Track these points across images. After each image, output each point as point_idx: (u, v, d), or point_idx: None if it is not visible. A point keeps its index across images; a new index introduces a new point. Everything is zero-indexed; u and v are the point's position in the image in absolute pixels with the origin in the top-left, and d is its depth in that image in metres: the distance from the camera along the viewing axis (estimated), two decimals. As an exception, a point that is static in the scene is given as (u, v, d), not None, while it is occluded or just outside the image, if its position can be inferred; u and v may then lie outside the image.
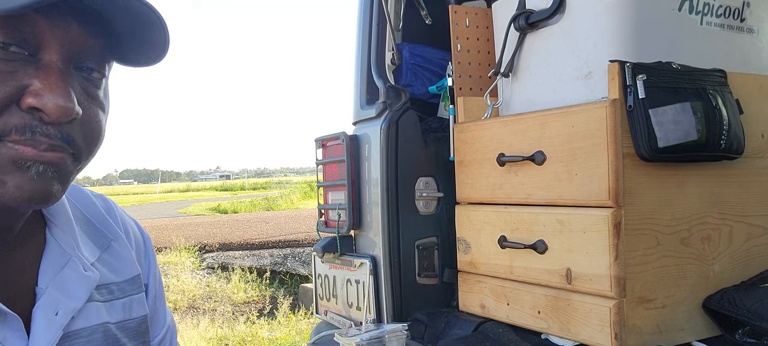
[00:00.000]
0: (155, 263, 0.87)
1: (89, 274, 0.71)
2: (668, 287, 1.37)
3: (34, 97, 0.57)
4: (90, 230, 0.77)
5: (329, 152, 2.13)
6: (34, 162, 0.58)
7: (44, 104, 0.57)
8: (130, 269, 0.79)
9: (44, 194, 0.59)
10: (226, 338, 4.78)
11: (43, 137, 0.58)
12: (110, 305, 0.73)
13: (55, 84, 0.57)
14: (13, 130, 0.57)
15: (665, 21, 1.43)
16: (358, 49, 2.16)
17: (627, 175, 1.31)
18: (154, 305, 0.85)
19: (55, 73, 0.58)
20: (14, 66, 0.57)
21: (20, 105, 0.57)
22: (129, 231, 0.84)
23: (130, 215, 0.87)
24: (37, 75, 0.58)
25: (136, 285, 0.79)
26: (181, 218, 13.49)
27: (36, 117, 0.57)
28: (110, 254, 0.77)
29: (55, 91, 0.57)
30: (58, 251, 0.70)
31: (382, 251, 1.88)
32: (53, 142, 0.59)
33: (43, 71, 0.58)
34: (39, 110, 0.57)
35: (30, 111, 0.57)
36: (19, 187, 0.58)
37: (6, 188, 0.57)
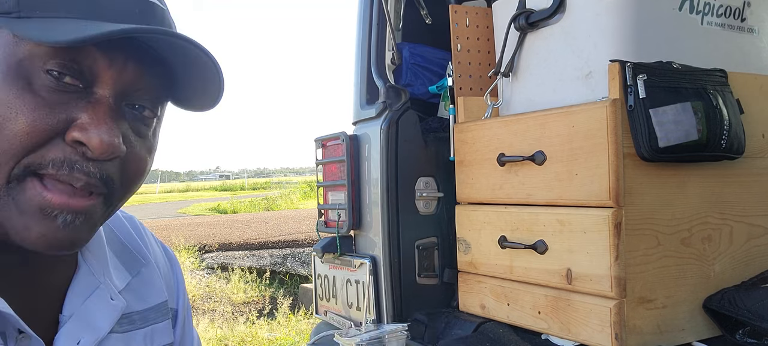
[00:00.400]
0: (183, 285, 0.86)
1: (116, 303, 0.70)
2: (669, 288, 1.36)
3: (79, 131, 0.55)
4: (123, 253, 0.76)
5: (329, 152, 2.13)
6: (62, 211, 0.56)
7: (89, 139, 0.55)
8: (157, 295, 0.77)
9: (70, 243, 0.57)
10: (225, 338, 4.77)
11: (80, 174, 0.56)
12: (130, 337, 0.72)
13: (103, 119, 0.56)
14: (50, 165, 0.55)
15: (666, 21, 1.43)
16: (358, 49, 2.16)
17: (627, 175, 1.31)
18: (182, 330, 0.83)
19: (105, 108, 0.57)
20: (66, 97, 0.55)
21: (65, 138, 0.55)
22: (157, 255, 0.82)
23: (155, 235, 0.86)
24: (86, 108, 0.56)
25: (161, 313, 0.77)
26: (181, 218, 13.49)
27: (78, 152, 0.56)
28: (139, 279, 0.76)
29: (102, 126, 0.56)
30: (87, 277, 0.69)
31: (382, 251, 1.88)
32: (90, 180, 0.57)
33: (93, 106, 0.56)
34: (82, 145, 0.55)
35: (73, 145, 0.56)
36: (43, 236, 0.56)
37: (29, 234, 0.56)
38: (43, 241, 0.56)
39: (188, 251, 7.37)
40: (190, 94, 0.65)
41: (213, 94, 0.64)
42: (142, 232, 0.83)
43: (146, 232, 0.84)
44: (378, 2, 2.08)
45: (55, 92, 0.55)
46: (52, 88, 0.55)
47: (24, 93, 0.54)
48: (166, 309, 0.79)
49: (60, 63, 0.55)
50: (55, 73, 0.55)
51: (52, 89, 0.55)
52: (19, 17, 0.55)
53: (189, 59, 0.60)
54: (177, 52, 0.60)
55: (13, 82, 0.54)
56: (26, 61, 0.55)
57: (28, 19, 0.54)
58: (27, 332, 0.60)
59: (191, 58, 0.60)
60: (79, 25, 0.54)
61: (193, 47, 0.58)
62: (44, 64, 0.55)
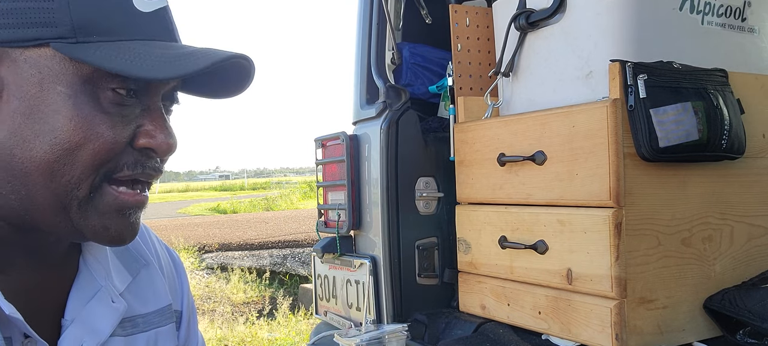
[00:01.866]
0: (188, 287, 0.86)
1: (117, 305, 0.70)
2: (669, 288, 1.36)
3: (148, 138, 0.62)
4: (123, 253, 0.76)
5: (329, 152, 2.13)
6: (133, 208, 0.63)
7: (158, 144, 0.62)
8: (160, 298, 0.78)
9: (133, 235, 0.65)
10: (225, 338, 4.77)
11: (151, 171, 0.64)
12: (133, 340, 0.72)
13: (163, 125, 0.63)
14: (124, 167, 0.61)
15: (666, 20, 1.43)
16: (358, 49, 2.15)
17: (628, 175, 1.30)
18: (188, 332, 0.84)
19: (160, 114, 0.63)
20: (128, 110, 0.61)
21: (133, 145, 0.62)
22: (160, 258, 0.83)
23: (160, 238, 0.87)
24: (145, 116, 0.62)
25: (164, 316, 0.77)
26: (180, 218, 13.49)
27: (144, 154, 0.63)
28: (141, 281, 0.76)
29: (164, 130, 0.63)
30: (88, 280, 0.70)
31: (382, 251, 1.88)
32: (157, 175, 0.65)
33: (150, 113, 0.63)
34: (151, 149, 0.63)
35: (142, 150, 0.62)
36: (118, 232, 0.63)
37: (107, 232, 0.62)
38: (118, 236, 0.63)
39: (188, 251, 7.37)
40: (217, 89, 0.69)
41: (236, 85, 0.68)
42: (146, 233, 0.83)
43: (151, 234, 0.84)
44: (378, 2, 2.08)
45: (121, 106, 0.60)
46: (117, 104, 0.60)
47: (98, 112, 0.59)
48: (170, 312, 0.78)
49: (122, 81, 0.59)
50: (117, 91, 0.59)
51: (118, 104, 0.60)
52: (77, 42, 0.57)
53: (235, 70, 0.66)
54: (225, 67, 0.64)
55: (85, 103, 0.58)
56: (90, 83, 0.58)
57: (86, 43, 0.57)
58: (33, 336, 0.61)
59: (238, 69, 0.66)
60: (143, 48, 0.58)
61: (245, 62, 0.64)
62: (108, 83, 0.59)
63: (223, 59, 0.59)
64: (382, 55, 2.07)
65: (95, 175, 0.60)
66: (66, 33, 0.57)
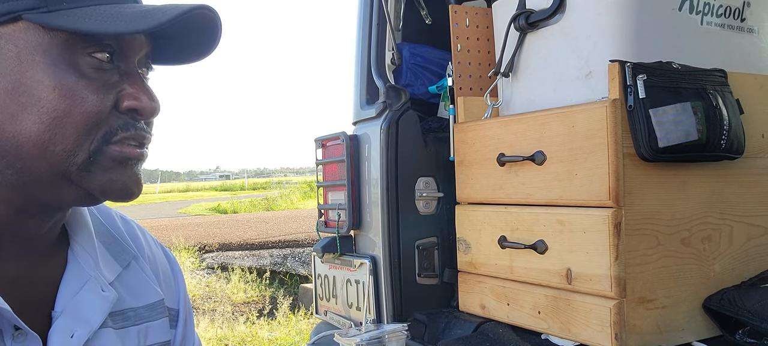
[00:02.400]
0: (184, 287, 0.86)
1: (107, 294, 0.70)
2: (669, 287, 1.36)
3: (132, 100, 0.63)
4: (112, 244, 0.76)
5: (329, 152, 2.13)
6: (136, 160, 0.65)
7: (143, 106, 0.63)
8: (151, 294, 0.78)
9: (139, 188, 0.66)
10: (225, 338, 4.77)
11: (141, 132, 0.65)
12: (124, 333, 0.72)
13: (143, 87, 0.64)
14: (118, 130, 0.62)
15: (665, 21, 1.43)
16: (358, 49, 2.16)
17: (627, 175, 1.31)
18: (184, 332, 0.84)
19: (138, 77, 0.65)
20: (108, 75, 0.62)
21: (119, 108, 0.62)
22: (155, 256, 0.83)
23: (155, 237, 0.87)
24: (126, 80, 0.63)
25: (156, 311, 0.77)
26: (181, 218, 13.49)
27: (131, 116, 0.63)
28: (130, 273, 0.77)
29: (146, 92, 0.64)
30: (77, 271, 0.70)
31: (382, 251, 1.88)
32: (148, 136, 0.66)
33: (129, 77, 0.64)
34: (135, 111, 0.63)
35: (127, 112, 0.63)
36: (124, 184, 0.64)
37: (113, 185, 0.63)
38: (125, 188, 0.64)
39: (188, 251, 7.37)
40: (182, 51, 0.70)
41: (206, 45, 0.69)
42: (140, 233, 0.83)
43: (146, 234, 0.84)
44: (378, 2, 2.08)
45: (100, 71, 0.61)
46: (97, 69, 0.61)
47: (80, 78, 0.60)
48: (161, 308, 0.78)
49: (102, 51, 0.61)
50: (95, 56, 0.60)
51: (97, 69, 0.61)
52: (49, 11, 0.58)
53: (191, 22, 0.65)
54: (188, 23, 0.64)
55: (65, 71, 0.59)
56: (68, 48, 0.59)
57: (58, 11, 0.58)
58: (23, 328, 0.61)
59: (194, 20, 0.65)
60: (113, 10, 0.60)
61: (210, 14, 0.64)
62: (84, 49, 0.60)
63: (188, 9, 0.60)
64: (382, 55, 2.07)
65: (91, 140, 0.61)
66: (36, 4, 0.57)
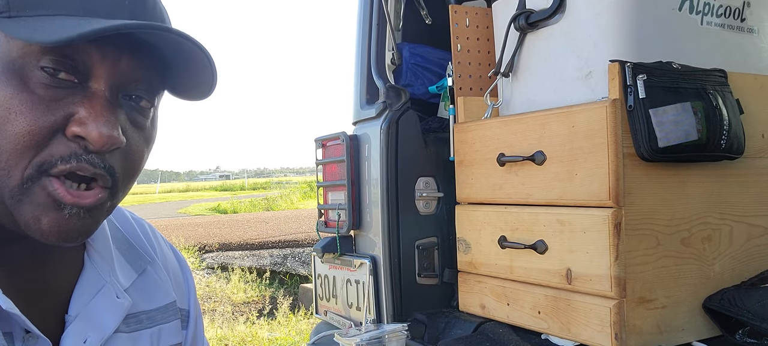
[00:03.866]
0: (194, 289, 0.86)
1: (121, 301, 0.70)
2: (668, 287, 1.36)
3: (78, 126, 0.56)
4: (128, 251, 0.76)
5: (329, 152, 2.13)
6: (72, 206, 0.58)
7: (89, 133, 0.56)
8: (164, 296, 0.78)
9: (77, 234, 0.59)
10: (225, 338, 4.77)
11: (87, 165, 0.57)
12: (137, 336, 0.72)
13: (100, 113, 0.57)
14: (59, 161, 0.56)
15: (665, 21, 1.43)
16: (358, 49, 2.16)
17: (627, 175, 1.31)
18: (194, 333, 0.84)
19: (101, 101, 0.58)
20: (62, 93, 0.57)
21: (65, 133, 0.57)
22: (166, 258, 0.83)
23: (166, 239, 0.87)
24: (83, 103, 0.57)
25: (169, 313, 0.77)
26: (181, 218, 13.48)
27: (80, 146, 0.57)
28: (145, 278, 0.76)
29: (99, 119, 0.57)
30: (93, 277, 0.69)
31: (382, 251, 1.88)
32: (97, 170, 0.58)
33: (89, 100, 0.57)
34: (83, 139, 0.57)
35: (75, 139, 0.57)
36: (51, 226, 0.58)
37: (40, 226, 0.57)
38: (52, 231, 0.58)
39: (188, 251, 7.37)
40: (184, 83, 0.66)
41: (206, 84, 0.64)
42: (151, 233, 0.83)
43: (157, 234, 0.84)
44: (378, 2, 2.08)
45: (51, 88, 0.56)
46: (47, 85, 0.56)
47: (20, 92, 0.55)
48: (174, 309, 0.78)
49: (54, 59, 0.56)
50: (50, 70, 0.56)
51: (48, 86, 0.56)
52: (10, 17, 0.55)
53: (182, 51, 0.61)
54: (170, 44, 0.60)
55: (8, 82, 0.55)
56: (20, 59, 0.55)
57: (18, 18, 0.55)
58: (34, 331, 0.60)
59: (184, 50, 0.60)
60: (68, 22, 0.55)
61: (184, 41, 0.59)
62: (38, 61, 0.55)
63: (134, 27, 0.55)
64: (382, 55, 2.07)
65: (26, 163, 0.56)
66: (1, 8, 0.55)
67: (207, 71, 0.63)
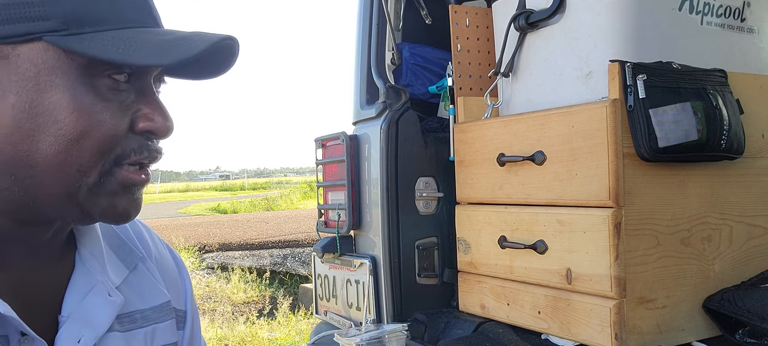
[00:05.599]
0: (191, 289, 0.86)
1: (114, 298, 0.70)
2: (668, 288, 1.36)
3: (147, 121, 0.63)
4: (119, 247, 0.76)
5: (329, 152, 2.13)
6: (139, 186, 0.65)
7: (157, 127, 0.64)
8: (158, 295, 0.78)
9: (139, 209, 0.67)
10: (225, 338, 4.77)
11: (155, 153, 0.65)
12: (131, 335, 0.72)
13: (159, 107, 0.64)
14: (132, 153, 0.63)
15: (665, 21, 1.43)
16: (358, 49, 2.16)
17: (627, 175, 1.31)
18: (191, 334, 0.84)
19: (154, 97, 0.65)
20: (124, 96, 0.62)
21: (134, 129, 0.63)
22: (163, 258, 0.83)
23: (164, 240, 0.87)
24: (142, 101, 0.64)
25: (163, 313, 0.77)
26: (181, 218, 13.48)
27: (147, 138, 0.64)
28: (138, 274, 0.76)
29: (162, 113, 0.64)
30: (84, 276, 0.70)
31: (382, 251, 1.88)
32: (160, 156, 0.66)
33: (145, 97, 0.64)
34: (150, 132, 0.64)
35: (143, 133, 0.63)
36: (125, 209, 0.65)
37: (115, 210, 0.64)
38: (125, 213, 0.65)
39: (188, 251, 7.37)
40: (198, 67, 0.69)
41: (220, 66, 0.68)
42: (146, 233, 0.83)
43: (153, 234, 0.84)
44: (378, 2, 2.08)
45: (118, 92, 0.61)
46: (115, 89, 0.61)
47: (97, 101, 0.60)
48: (168, 309, 0.78)
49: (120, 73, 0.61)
50: (114, 78, 0.61)
51: (116, 90, 0.61)
52: (70, 34, 0.58)
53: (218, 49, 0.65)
54: None
55: (83, 93, 0.59)
56: (86, 72, 0.59)
57: (79, 35, 0.58)
58: (30, 333, 0.60)
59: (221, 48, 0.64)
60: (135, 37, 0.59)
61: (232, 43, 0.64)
62: (104, 71, 0.60)
63: (214, 43, 0.60)
64: (382, 55, 2.07)
65: (104, 161, 0.61)
66: (58, 26, 0.57)
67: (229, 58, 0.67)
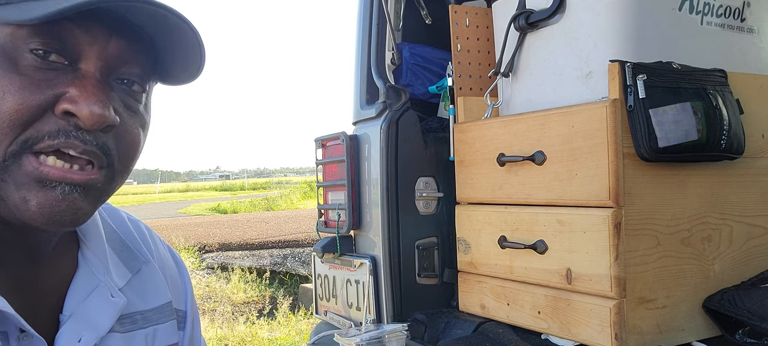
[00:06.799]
0: (191, 289, 0.86)
1: (116, 300, 0.70)
2: (668, 288, 1.36)
3: (69, 103, 0.57)
4: (122, 250, 0.76)
5: (329, 152, 2.13)
6: (60, 182, 0.57)
7: (80, 110, 0.56)
8: (160, 296, 0.78)
9: (71, 215, 0.58)
10: (225, 338, 4.77)
11: (77, 142, 0.57)
12: (131, 336, 0.72)
13: (91, 92, 0.57)
14: (46, 136, 0.56)
15: (665, 21, 1.43)
16: (358, 49, 2.16)
17: (627, 175, 1.31)
18: (192, 334, 0.84)
19: (92, 81, 0.58)
20: (52, 75, 0.57)
21: (55, 111, 0.57)
22: (163, 259, 0.83)
23: (163, 239, 0.87)
24: (73, 83, 0.57)
25: (164, 313, 0.77)
26: (181, 218, 13.48)
27: (71, 123, 0.57)
28: (140, 278, 0.76)
29: (91, 98, 0.57)
30: (87, 276, 0.69)
31: (382, 251, 1.88)
32: (87, 147, 0.58)
33: (80, 80, 0.58)
34: (73, 116, 0.57)
35: (64, 117, 0.57)
36: (41, 207, 0.57)
37: (28, 207, 0.57)
38: (43, 213, 0.57)
39: (188, 251, 7.37)
40: (173, 66, 0.66)
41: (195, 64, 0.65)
42: (148, 234, 0.83)
43: (154, 236, 0.84)
44: (378, 2, 2.08)
45: (41, 70, 0.57)
46: (37, 67, 0.57)
47: (10, 74, 0.56)
48: (170, 310, 0.78)
49: (43, 41, 0.56)
50: (40, 52, 0.56)
51: (38, 68, 0.57)
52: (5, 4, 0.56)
53: (169, 29, 0.61)
54: (158, 22, 0.60)
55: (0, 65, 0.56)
56: (10, 43, 0.56)
57: (7, 5, 0.56)
58: (29, 331, 0.60)
59: (171, 27, 0.61)
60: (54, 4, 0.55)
61: (170, 15, 0.59)
62: (27, 44, 0.56)
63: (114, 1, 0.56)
64: (382, 55, 2.07)
65: (9, 140, 0.56)
66: None
67: (195, 50, 0.63)
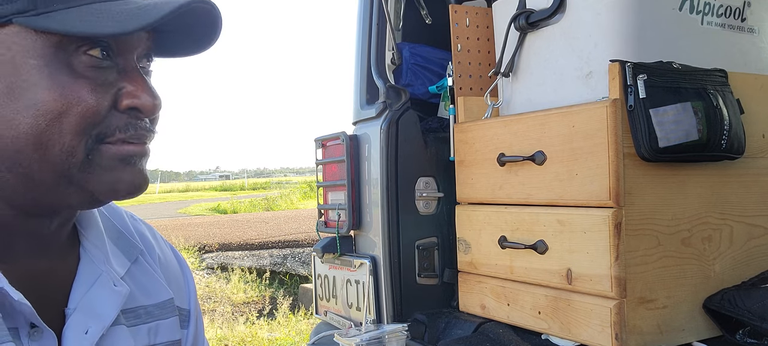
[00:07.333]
0: (194, 288, 0.87)
1: (119, 289, 0.71)
2: (669, 288, 1.36)
3: (132, 98, 0.62)
4: (119, 240, 0.77)
5: (329, 152, 2.13)
6: (138, 156, 0.64)
7: (143, 103, 0.63)
8: (161, 292, 0.78)
9: (145, 183, 0.66)
10: (225, 338, 4.77)
11: (143, 131, 0.64)
12: (136, 330, 0.73)
13: (143, 85, 0.63)
14: (116, 131, 0.62)
15: (666, 21, 1.43)
16: (358, 49, 2.16)
17: (628, 175, 1.30)
18: (195, 334, 0.84)
19: (138, 74, 0.64)
20: (105, 73, 0.61)
21: (118, 107, 0.62)
22: (166, 257, 0.83)
23: (166, 239, 0.87)
24: (125, 79, 0.63)
25: (166, 310, 0.78)
26: (181, 218, 13.48)
27: (132, 116, 0.63)
28: (139, 267, 0.77)
29: (146, 90, 0.63)
30: (89, 268, 0.70)
31: (382, 251, 1.88)
32: (150, 134, 0.65)
33: (128, 74, 0.63)
34: (136, 109, 0.63)
35: (127, 111, 0.62)
36: (131, 182, 0.64)
37: (120, 185, 0.63)
38: (134, 184, 0.64)
39: (188, 251, 7.37)
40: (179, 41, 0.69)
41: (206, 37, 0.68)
42: (149, 232, 0.83)
43: (156, 234, 0.84)
44: (378, 2, 2.08)
45: (97, 70, 0.60)
46: (93, 67, 0.60)
47: (75, 78, 0.59)
48: (171, 307, 0.79)
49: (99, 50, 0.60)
50: (90, 54, 0.60)
51: (94, 67, 0.60)
52: (39, 14, 0.57)
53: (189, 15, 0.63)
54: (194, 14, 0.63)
55: (59, 72, 0.58)
56: (62, 50, 0.58)
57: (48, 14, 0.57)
58: (39, 325, 0.61)
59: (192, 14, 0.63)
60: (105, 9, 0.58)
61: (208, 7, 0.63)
62: (79, 48, 0.59)
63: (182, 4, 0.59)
64: (382, 55, 2.07)
65: (86, 138, 0.60)
66: (26, 6, 0.57)
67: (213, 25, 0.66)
